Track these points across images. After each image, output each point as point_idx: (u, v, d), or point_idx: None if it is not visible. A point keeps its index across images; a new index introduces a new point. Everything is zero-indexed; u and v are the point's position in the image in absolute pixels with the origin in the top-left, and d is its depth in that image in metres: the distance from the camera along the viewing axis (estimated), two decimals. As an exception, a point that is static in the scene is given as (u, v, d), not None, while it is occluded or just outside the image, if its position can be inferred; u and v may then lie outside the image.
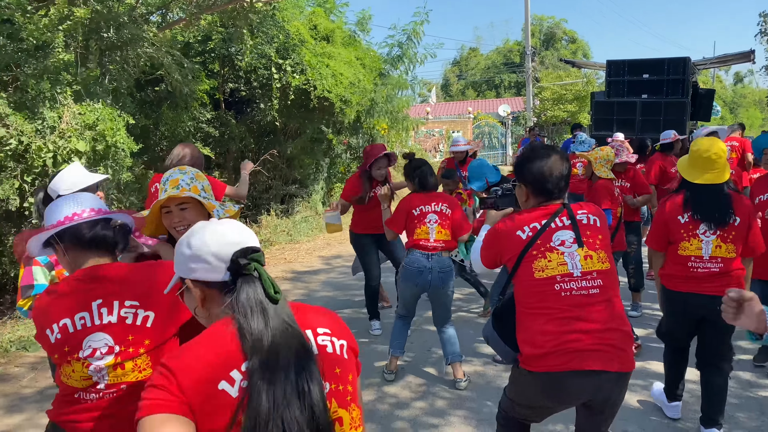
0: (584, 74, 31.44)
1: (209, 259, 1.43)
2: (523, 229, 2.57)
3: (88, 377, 1.87)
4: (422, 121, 19.83)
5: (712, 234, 3.45)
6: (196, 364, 1.33)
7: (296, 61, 10.03)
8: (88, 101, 6.14)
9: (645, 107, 10.79)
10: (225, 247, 1.44)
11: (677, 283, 3.60)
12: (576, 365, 2.36)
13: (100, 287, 1.89)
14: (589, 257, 2.50)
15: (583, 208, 2.64)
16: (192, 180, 2.26)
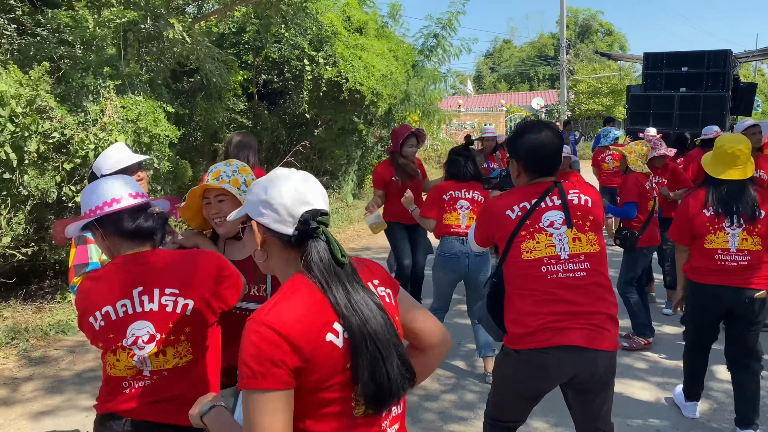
0: (620, 67, 30.90)
1: (280, 210, 1.45)
2: (513, 208, 2.53)
3: (132, 366, 1.90)
4: (455, 114, 19.74)
5: (738, 227, 3.45)
6: (301, 317, 1.37)
7: (329, 53, 10.05)
8: (130, 94, 6.25)
9: (683, 101, 10.51)
10: (298, 206, 1.46)
11: (704, 276, 3.57)
12: (558, 341, 2.36)
13: (140, 275, 1.91)
14: (577, 239, 2.47)
15: (576, 187, 2.59)
16: (234, 173, 2.26)
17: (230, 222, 2.19)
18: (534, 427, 3.81)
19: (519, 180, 2.65)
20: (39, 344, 5.37)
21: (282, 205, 1.45)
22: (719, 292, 3.52)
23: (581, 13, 48.13)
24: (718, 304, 3.55)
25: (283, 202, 1.46)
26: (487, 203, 2.72)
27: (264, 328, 1.34)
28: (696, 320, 3.76)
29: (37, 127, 5.16)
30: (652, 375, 4.58)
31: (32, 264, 6.34)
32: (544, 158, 2.55)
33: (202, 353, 1.96)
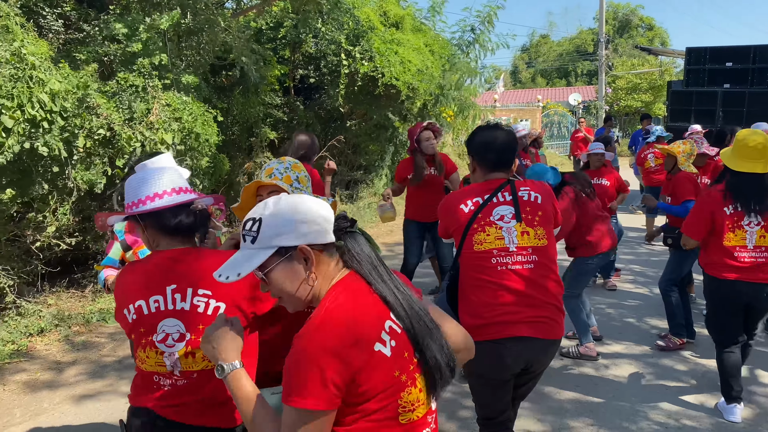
0: (661, 63, 30.19)
1: (320, 221, 1.44)
2: (466, 203, 2.68)
3: (162, 364, 1.88)
4: (490, 109, 19.56)
5: (756, 225, 3.56)
6: (351, 330, 1.36)
7: (365, 48, 10.06)
8: (175, 92, 6.36)
9: (727, 97, 10.25)
10: (328, 210, 1.48)
11: (722, 271, 3.65)
12: (511, 332, 2.52)
13: (175, 272, 1.88)
14: (526, 233, 2.60)
15: (527, 184, 2.74)
16: (287, 170, 2.29)
17: None
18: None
19: (475, 176, 2.84)
20: (81, 330, 5.53)
21: (320, 216, 1.45)
22: (738, 287, 3.62)
23: (621, 8, 47.15)
24: (737, 298, 3.67)
25: (320, 212, 1.46)
26: (445, 198, 2.86)
27: (313, 346, 1.33)
28: (718, 315, 3.82)
29: (84, 123, 5.29)
30: (691, 377, 4.49)
31: (75, 253, 6.52)
32: (494, 155, 2.73)
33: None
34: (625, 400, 4.11)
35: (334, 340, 1.32)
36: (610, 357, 4.87)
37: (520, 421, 3.84)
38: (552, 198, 2.77)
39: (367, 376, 1.35)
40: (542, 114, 28.40)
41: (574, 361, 4.80)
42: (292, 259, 1.43)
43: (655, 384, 4.38)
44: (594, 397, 4.18)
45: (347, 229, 1.48)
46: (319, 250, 1.45)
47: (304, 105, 11.16)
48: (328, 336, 1.33)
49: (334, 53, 10.21)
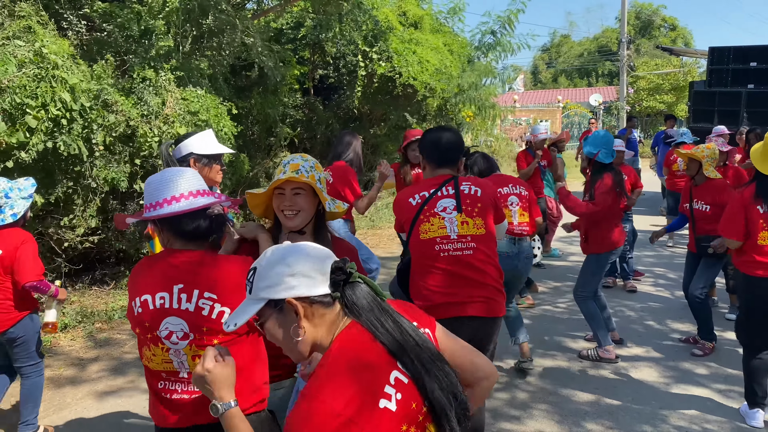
0: (683, 63, 29.83)
1: (311, 273, 1.41)
2: (414, 197, 2.99)
3: (169, 361, 1.90)
4: (510, 110, 19.47)
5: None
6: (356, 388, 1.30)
7: (383, 49, 10.07)
8: (191, 87, 6.42)
9: (751, 98, 10.00)
10: (323, 261, 1.43)
11: (758, 269, 3.63)
12: (456, 312, 2.80)
13: (184, 272, 1.89)
14: (465, 223, 2.91)
15: (469, 180, 3.02)
16: (311, 168, 2.26)
17: (303, 215, 2.23)
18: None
19: (425, 172, 3.13)
20: (104, 327, 5.61)
21: (310, 267, 1.41)
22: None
23: (645, 8, 46.56)
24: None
25: (311, 264, 1.42)
26: (398, 194, 3.14)
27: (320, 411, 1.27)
28: (751, 316, 3.74)
29: (103, 120, 5.36)
30: (713, 381, 4.43)
31: (98, 251, 6.61)
32: (439, 153, 3.02)
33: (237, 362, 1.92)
34: (645, 404, 4.07)
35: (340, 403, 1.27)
36: (630, 360, 4.83)
37: (537, 423, 3.83)
38: (493, 193, 3.05)
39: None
40: (562, 114, 28.19)
41: (593, 363, 4.77)
42: (284, 312, 1.42)
43: (676, 387, 4.33)
44: (613, 399, 4.15)
45: (343, 280, 1.43)
46: (310, 303, 1.41)
47: (323, 105, 11.21)
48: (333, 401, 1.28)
49: (352, 54, 10.24)
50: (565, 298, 6.48)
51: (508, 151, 19.75)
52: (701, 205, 4.92)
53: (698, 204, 4.94)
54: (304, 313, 1.40)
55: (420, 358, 1.39)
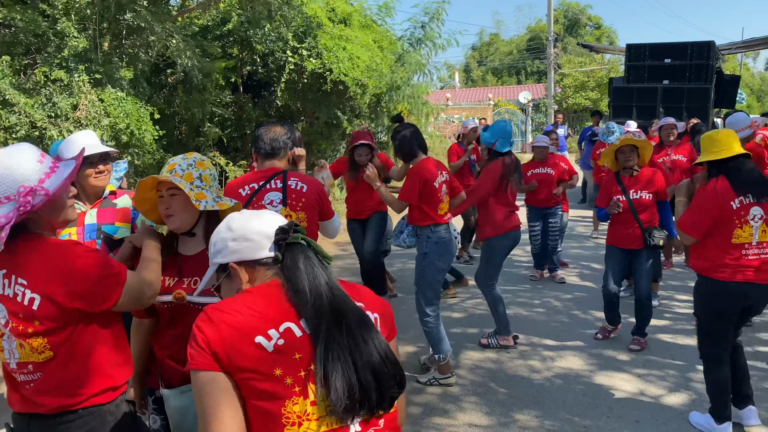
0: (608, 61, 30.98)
1: (253, 236, 1.48)
2: (244, 187, 3.11)
3: (1, 348, 1.88)
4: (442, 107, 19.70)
5: (759, 219, 3.32)
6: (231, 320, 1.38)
7: (312, 45, 9.98)
8: (110, 88, 6.15)
9: (666, 93, 10.43)
10: (267, 225, 1.49)
11: (730, 273, 3.35)
12: None
13: (7, 258, 1.85)
14: (289, 216, 3.07)
15: (297, 176, 3.17)
16: (190, 167, 2.19)
17: (181, 216, 2.18)
18: (516, 419, 3.81)
19: (257, 164, 3.27)
20: None
21: (253, 231, 1.49)
22: (745, 289, 3.33)
23: (573, 7, 48.11)
24: (741, 302, 3.38)
25: (254, 227, 1.49)
26: (227, 184, 3.26)
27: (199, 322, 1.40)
28: (715, 324, 3.48)
29: (2, 122, 5.06)
30: (633, 367, 4.59)
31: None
32: (265, 145, 3.15)
33: (67, 352, 1.87)
34: (570, 392, 4.18)
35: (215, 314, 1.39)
36: (557, 349, 4.95)
37: (467, 416, 3.87)
38: (319, 190, 3.18)
39: (238, 352, 1.35)
40: (494, 112, 28.78)
41: (520, 354, 4.86)
42: (230, 276, 1.52)
43: (600, 375, 4.46)
44: (540, 389, 4.24)
45: (285, 241, 1.48)
46: (253, 268, 1.49)
47: (253, 103, 11.01)
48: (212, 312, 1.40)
49: (281, 50, 10.10)
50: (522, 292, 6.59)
51: (442, 148, 19.94)
52: (643, 193, 4.76)
53: (640, 194, 4.76)
54: (248, 277, 1.49)
55: (330, 324, 1.40)
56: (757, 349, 4.80)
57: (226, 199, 2.25)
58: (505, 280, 7.12)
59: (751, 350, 4.59)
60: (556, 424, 3.73)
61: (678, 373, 4.39)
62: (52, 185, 1.83)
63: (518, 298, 6.42)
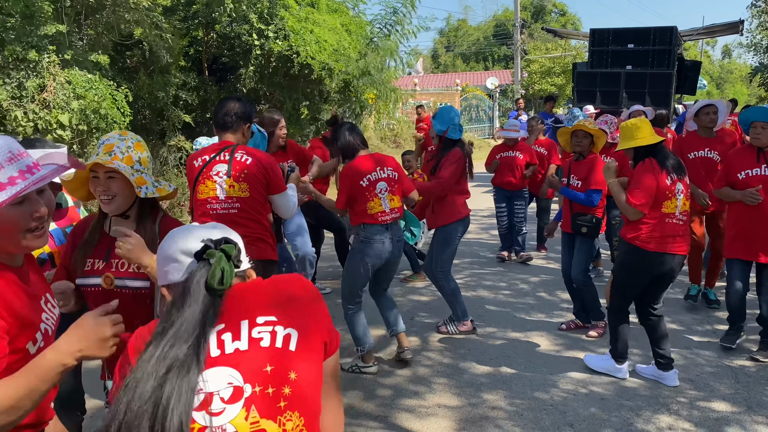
0: (574, 47, 31.31)
1: (177, 256, 1.34)
2: (197, 159, 3.39)
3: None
4: (410, 93, 19.67)
5: (681, 192, 3.81)
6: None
7: (279, 27, 9.82)
8: (77, 70, 5.97)
9: (629, 78, 10.50)
10: (193, 241, 1.33)
11: (657, 243, 3.79)
12: None
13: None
14: (232, 186, 3.30)
15: (245, 149, 3.39)
16: (129, 149, 2.13)
17: (119, 200, 2.11)
18: (485, 399, 3.86)
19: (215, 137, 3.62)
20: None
21: (177, 250, 1.34)
22: (665, 258, 3.80)
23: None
24: (659, 269, 3.83)
25: (178, 246, 1.34)
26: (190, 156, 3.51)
27: None
28: (634, 286, 3.96)
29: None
30: (597, 346, 4.68)
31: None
32: (218, 118, 3.43)
33: None
34: (536, 371, 4.25)
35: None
36: (523, 330, 5.03)
37: (437, 397, 3.90)
38: (267, 163, 3.34)
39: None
40: (461, 98, 28.86)
41: (488, 335, 4.92)
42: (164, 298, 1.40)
43: (565, 354, 4.55)
44: (508, 369, 4.30)
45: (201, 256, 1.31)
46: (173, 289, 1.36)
47: (218, 86, 10.81)
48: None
49: (248, 33, 9.92)
50: (461, 274, 6.65)
51: (410, 134, 19.98)
52: (575, 180, 4.89)
53: (573, 180, 4.91)
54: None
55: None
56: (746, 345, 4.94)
57: (164, 184, 2.22)
58: (470, 262, 7.20)
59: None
60: (524, 403, 3.79)
61: (641, 351, 4.49)
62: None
63: (484, 280, 6.49)
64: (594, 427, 3.49)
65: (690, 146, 5.37)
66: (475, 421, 3.59)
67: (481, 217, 9.94)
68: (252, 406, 1.23)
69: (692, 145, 5.37)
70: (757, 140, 4.35)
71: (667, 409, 3.68)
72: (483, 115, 29.49)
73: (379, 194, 4.08)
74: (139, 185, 2.10)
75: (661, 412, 3.66)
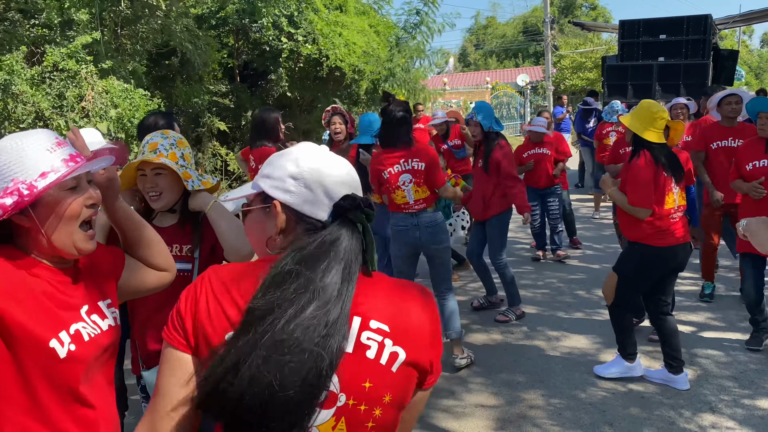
0: (605, 41, 30.82)
1: (316, 189, 1.17)
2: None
3: None
4: (440, 92, 19.60)
5: (676, 186, 3.72)
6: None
7: (308, 31, 9.92)
8: (115, 79, 6.14)
9: (662, 70, 10.04)
10: (338, 186, 1.19)
11: (663, 238, 3.69)
12: None
13: None
14: None
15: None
16: (172, 146, 2.21)
17: (167, 196, 2.19)
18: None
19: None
20: None
21: (319, 183, 1.18)
22: (676, 250, 3.72)
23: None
24: (672, 262, 3.76)
25: (322, 180, 1.18)
26: None
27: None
28: (643, 282, 3.86)
29: (9, 113, 5.07)
30: (639, 345, 4.61)
31: None
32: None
33: None
34: (575, 370, 4.21)
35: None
36: (561, 329, 4.98)
37: (472, 396, 3.90)
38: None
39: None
40: (491, 95, 28.68)
41: (525, 335, 4.89)
42: (268, 213, 1.21)
43: (605, 353, 4.49)
44: (545, 368, 4.27)
45: (350, 216, 1.16)
46: (297, 219, 1.19)
47: (250, 92, 10.97)
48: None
49: (277, 38, 10.05)
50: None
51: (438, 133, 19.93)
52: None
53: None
54: (283, 227, 1.19)
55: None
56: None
57: (207, 177, 2.30)
58: (507, 262, 7.15)
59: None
60: (563, 402, 3.76)
61: (683, 350, 4.40)
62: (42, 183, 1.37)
63: (521, 279, 6.43)
64: (634, 427, 3.44)
65: (713, 136, 5.32)
66: (513, 421, 3.57)
67: (514, 215, 9.85)
68: (342, 417, 1.12)
69: (715, 135, 5.31)
70: (763, 131, 4.30)
71: (710, 408, 3.61)
72: (514, 113, 29.25)
73: (401, 186, 4.14)
74: (185, 179, 2.18)
75: (704, 410, 3.59)
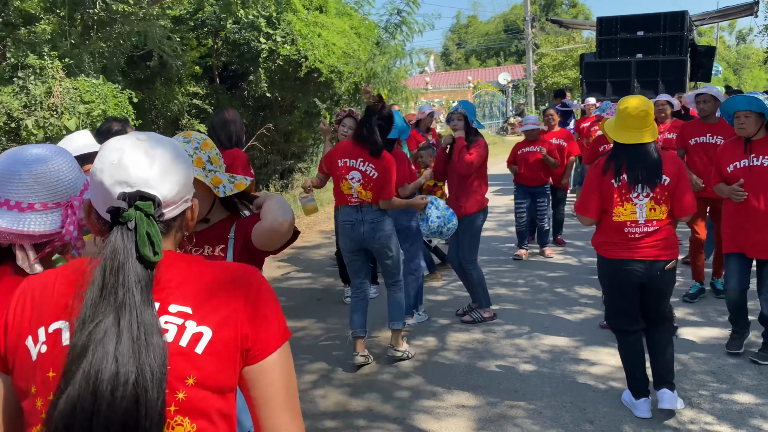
0: (586, 39, 31.06)
1: (98, 186, 1.12)
2: None
3: None
4: (421, 92, 19.64)
5: (645, 197, 3.32)
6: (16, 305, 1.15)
7: (287, 32, 9.87)
8: (83, 76, 6.05)
9: (641, 67, 10.10)
10: (115, 185, 1.10)
11: (615, 250, 3.41)
12: None
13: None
14: None
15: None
16: (196, 150, 1.98)
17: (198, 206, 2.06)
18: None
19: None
20: None
21: (99, 182, 1.11)
22: (632, 265, 3.37)
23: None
24: (631, 278, 3.40)
25: (102, 175, 1.10)
26: None
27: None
28: (613, 299, 3.60)
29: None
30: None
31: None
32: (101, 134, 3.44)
33: None
34: (556, 368, 4.22)
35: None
36: (541, 327, 4.98)
37: (453, 397, 3.88)
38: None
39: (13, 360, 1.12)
40: (473, 94, 28.77)
41: (506, 333, 4.89)
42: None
43: (584, 350, 4.51)
44: (526, 367, 4.27)
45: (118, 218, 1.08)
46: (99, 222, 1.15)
47: (230, 93, 10.90)
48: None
49: (256, 39, 9.99)
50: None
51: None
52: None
53: None
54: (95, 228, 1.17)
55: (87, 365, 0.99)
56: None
57: (240, 178, 2.04)
58: (487, 260, 7.16)
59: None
60: (543, 401, 3.76)
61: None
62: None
63: (501, 278, 6.45)
64: (614, 424, 3.45)
65: (691, 133, 5.39)
66: (494, 421, 3.57)
67: (498, 213, 9.89)
68: None
69: (693, 132, 5.39)
70: (743, 130, 4.06)
71: (689, 403, 3.62)
72: (496, 111, 29.36)
73: (347, 180, 4.23)
74: (215, 185, 1.94)
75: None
